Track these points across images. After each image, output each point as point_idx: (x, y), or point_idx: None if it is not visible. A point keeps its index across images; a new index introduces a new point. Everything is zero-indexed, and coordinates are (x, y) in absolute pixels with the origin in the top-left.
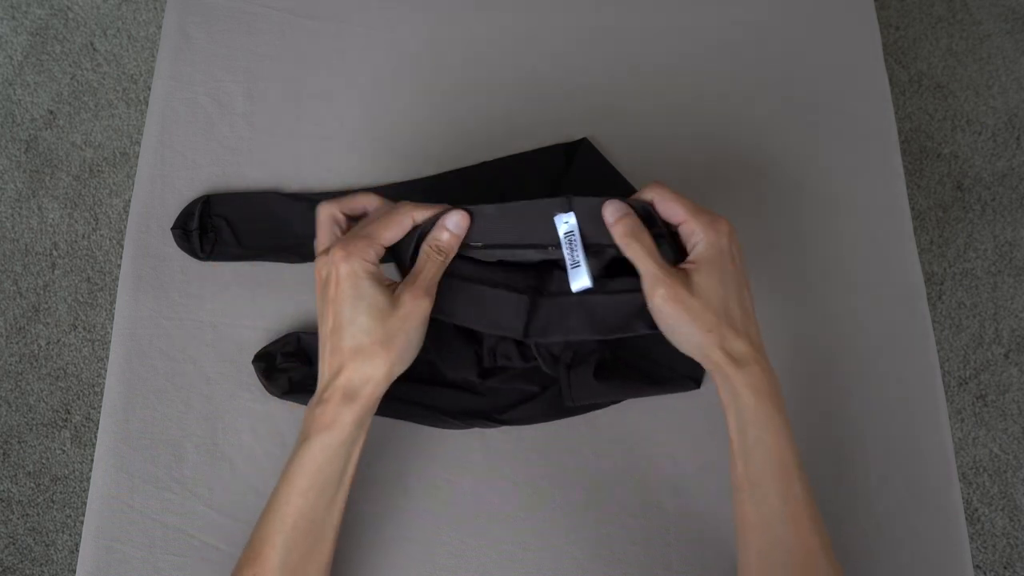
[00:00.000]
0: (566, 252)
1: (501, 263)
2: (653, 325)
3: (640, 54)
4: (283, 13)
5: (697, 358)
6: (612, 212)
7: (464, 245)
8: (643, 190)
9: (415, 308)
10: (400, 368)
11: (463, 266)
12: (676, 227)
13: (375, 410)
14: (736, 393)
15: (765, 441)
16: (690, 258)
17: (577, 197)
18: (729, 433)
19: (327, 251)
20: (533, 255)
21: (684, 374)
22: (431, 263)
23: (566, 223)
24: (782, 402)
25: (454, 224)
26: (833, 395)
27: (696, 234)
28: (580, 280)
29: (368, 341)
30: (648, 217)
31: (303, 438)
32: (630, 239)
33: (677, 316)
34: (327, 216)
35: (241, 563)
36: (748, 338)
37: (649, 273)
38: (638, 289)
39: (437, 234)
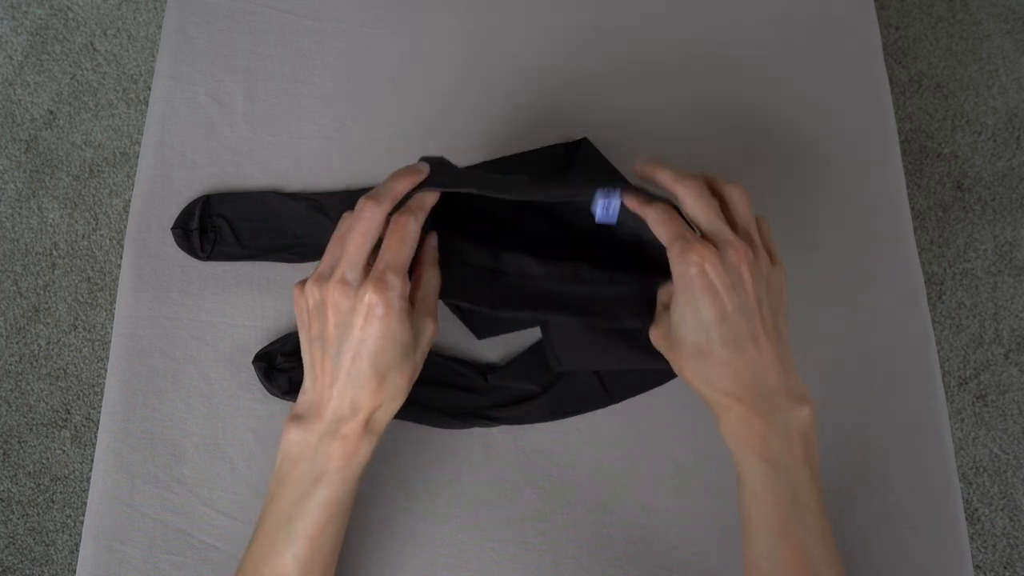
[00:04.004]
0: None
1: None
2: (635, 316)
3: (640, 54)
4: (283, 13)
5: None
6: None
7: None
8: (644, 209)
9: (433, 335)
10: None
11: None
12: None
13: None
14: (720, 432)
15: (749, 487)
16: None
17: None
18: None
19: (346, 280)
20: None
21: None
22: (433, 278)
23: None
24: (775, 445)
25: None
26: (833, 395)
27: (670, 264)
28: (606, 215)
29: (396, 376)
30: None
31: (319, 473)
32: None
33: (662, 351)
34: (377, 225)
35: None
36: (732, 374)
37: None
38: (620, 281)
39: (428, 241)
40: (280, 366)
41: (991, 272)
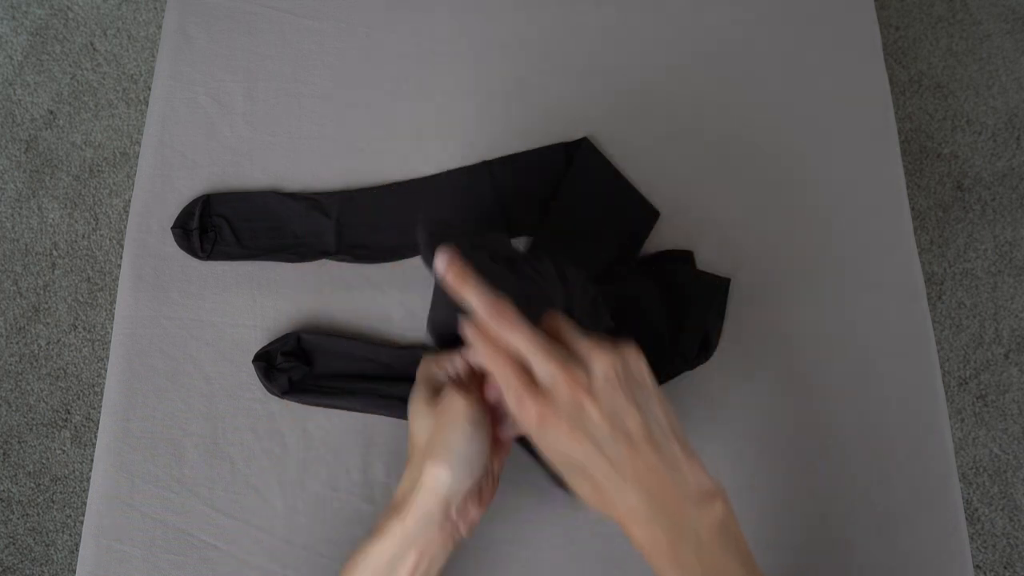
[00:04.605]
0: None
1: None
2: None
3: (640, 54)
4: (283, 13)
5: None
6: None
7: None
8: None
9: None
10: None
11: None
12: None
13: None
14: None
15: None
16: None
17: None
18: None
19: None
20: None
21: (681, 352)
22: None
23: None
24: (688, 555)
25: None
26: (833, 395)
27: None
28: None
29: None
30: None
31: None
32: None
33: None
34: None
35: None
36: (621, 499)
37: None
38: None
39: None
40: (280, 366)
41: (991, 272)
